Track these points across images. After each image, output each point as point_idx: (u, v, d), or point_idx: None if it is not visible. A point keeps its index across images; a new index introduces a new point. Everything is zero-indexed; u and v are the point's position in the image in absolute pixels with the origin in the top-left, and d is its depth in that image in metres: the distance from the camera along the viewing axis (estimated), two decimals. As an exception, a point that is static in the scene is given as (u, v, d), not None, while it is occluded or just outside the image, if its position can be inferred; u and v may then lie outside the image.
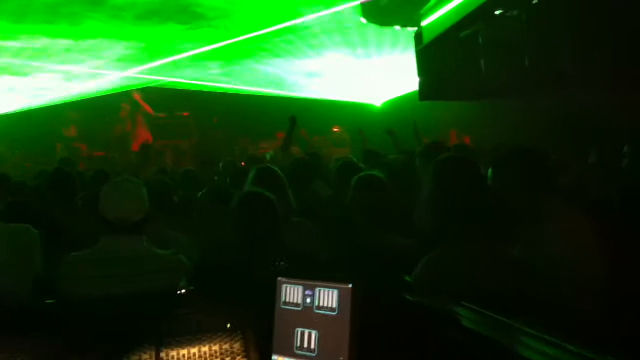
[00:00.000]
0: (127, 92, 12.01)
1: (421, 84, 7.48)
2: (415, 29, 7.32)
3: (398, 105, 12.04)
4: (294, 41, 9.87)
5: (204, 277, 2.83)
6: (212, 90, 11.99)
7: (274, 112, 11.74)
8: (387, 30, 8.60)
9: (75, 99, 11.57)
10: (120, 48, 9.89)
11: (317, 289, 1.94)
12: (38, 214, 3.42)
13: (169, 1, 8.35)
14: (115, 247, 2.73)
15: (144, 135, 11.92)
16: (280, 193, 3.75)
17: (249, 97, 12.25)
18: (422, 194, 2.58)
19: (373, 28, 8.58)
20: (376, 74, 11.42)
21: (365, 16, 8.19)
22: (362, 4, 8.09)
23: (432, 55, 7.08)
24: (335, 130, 13.13)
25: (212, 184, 5.34)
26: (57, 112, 11.91)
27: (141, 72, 10.88)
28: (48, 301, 2.62)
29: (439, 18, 6.67)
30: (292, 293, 1.98)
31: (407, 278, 2.44)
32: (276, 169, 4.02)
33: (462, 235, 2.33)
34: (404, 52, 9.42)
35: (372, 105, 13.07)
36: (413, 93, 8.53)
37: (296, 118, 6.57)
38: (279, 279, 1.97)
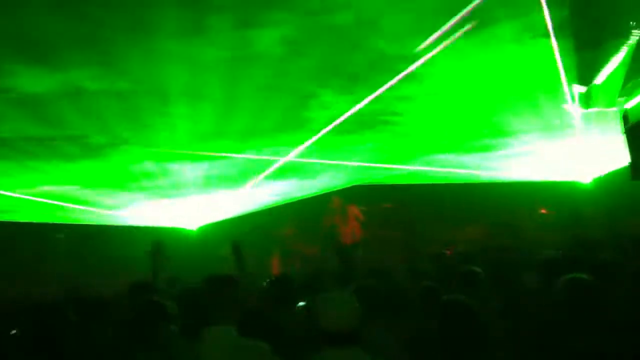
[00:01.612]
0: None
1: (632, 163, 7.07)
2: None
3: (611, 180, 11.36)
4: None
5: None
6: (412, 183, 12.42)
7: (476, 197, 11.83)
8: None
9: (290, 199, 12.66)
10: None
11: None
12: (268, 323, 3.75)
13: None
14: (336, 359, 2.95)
15: (353, 228, 12.35)
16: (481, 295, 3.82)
17: (448, 185, 12.42)
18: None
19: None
20: (583, 150, 10.93)
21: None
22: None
23: (640, 134, 6.72)
24: (543, 212, 12.59)
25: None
26: (275, 213, 13.06)
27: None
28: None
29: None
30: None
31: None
32: (478, 271, 4.08)
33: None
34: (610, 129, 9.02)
35: (580, 183, 12.41)
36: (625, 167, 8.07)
37: None
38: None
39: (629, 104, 6.91)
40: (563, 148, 10.76)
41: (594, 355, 2.97)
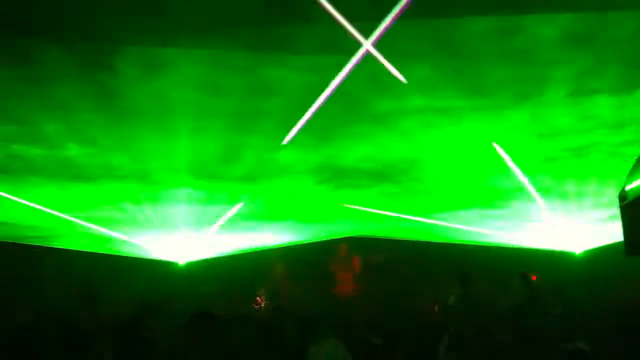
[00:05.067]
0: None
1: (626, 239, 7.17)
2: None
3: (600, 254, 11.57)
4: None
5: None
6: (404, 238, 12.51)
7: (465, 260, 11.90)
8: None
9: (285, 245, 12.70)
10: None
11: None
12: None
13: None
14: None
15: (348, 281, 12.35)
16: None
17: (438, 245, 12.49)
18: None
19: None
20: (574, 222, 11.06)
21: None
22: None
23: (637, 212, 6.83)
24: (533, 278, 12.58)
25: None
26: (266, 253, 13.08)
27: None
28: None
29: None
30: None
31: None
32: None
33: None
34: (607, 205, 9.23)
35: (571, 253, 12.52)
36: (618, 243, 8.21)
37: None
38: None
39: (629, 186, 7.11)
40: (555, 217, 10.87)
41: None
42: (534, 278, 12.50)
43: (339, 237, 12.68)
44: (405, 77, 5.85)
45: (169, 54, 5.64)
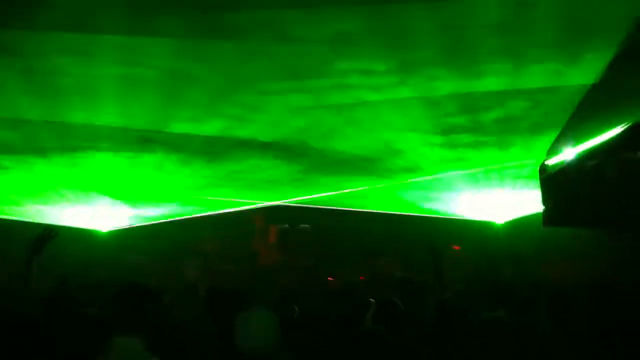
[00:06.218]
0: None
1: (545, 211, 7.44)
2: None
3: (521, 224, 11.93)
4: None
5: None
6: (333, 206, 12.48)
7: (392, 230, 12.01)
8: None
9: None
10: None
11: None
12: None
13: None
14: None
15: (271, 251, 12.27)
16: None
17: (367, 214, 12.52)
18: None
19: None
20: (500, 194, 11.36)
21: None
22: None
23: (556, 184, 7.08)
24: (455, 248, 12.93)
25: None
26: (196, 224, 12.78)
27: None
28: None
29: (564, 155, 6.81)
30: None
31: None
32: (398, 302, 4.13)
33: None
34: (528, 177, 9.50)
35: (493, 223, 12.88)
36: (537, 214, 8.52)
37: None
38: None
39: (549, 161, 7.35)
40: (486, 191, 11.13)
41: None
42: (456, 248, 12.83)
43: (257, 207, 12.54)
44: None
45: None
